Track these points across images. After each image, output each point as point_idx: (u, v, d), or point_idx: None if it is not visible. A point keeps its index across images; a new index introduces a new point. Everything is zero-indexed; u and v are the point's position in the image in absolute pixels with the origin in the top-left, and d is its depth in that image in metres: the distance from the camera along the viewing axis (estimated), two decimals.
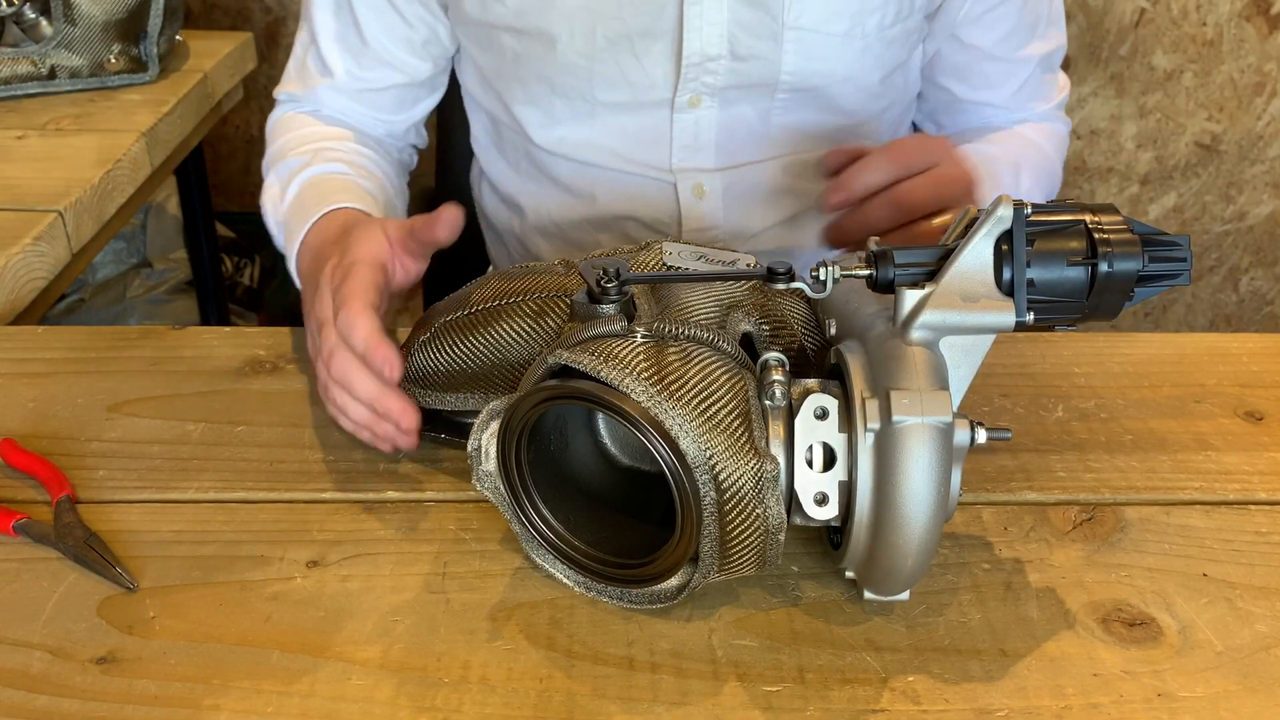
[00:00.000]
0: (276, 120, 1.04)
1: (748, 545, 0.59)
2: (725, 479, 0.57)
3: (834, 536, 0.64)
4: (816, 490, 0.59)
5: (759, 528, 0.59)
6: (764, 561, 0.60)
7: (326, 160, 0.95)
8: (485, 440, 0.64)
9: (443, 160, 1.30)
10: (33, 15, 1.36)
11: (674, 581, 0.62)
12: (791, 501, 0.60)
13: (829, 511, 0.59)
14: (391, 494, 0.71)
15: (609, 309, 0.62)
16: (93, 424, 0.77)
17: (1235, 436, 0.75)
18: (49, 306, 1.13)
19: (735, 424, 0.58)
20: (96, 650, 0.61)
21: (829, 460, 0.59)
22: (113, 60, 1.37)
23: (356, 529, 0.68)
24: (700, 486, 0.57)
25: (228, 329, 0.89)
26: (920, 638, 0.61)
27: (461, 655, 0.60)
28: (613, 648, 0.61)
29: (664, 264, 0.69)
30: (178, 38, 1.46)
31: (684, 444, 0.57)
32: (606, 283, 0.62)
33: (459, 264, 1.18)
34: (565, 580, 0.64)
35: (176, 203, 1.80)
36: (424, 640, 0.61)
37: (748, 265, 0.69)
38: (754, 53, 0.94)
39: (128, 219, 1.32)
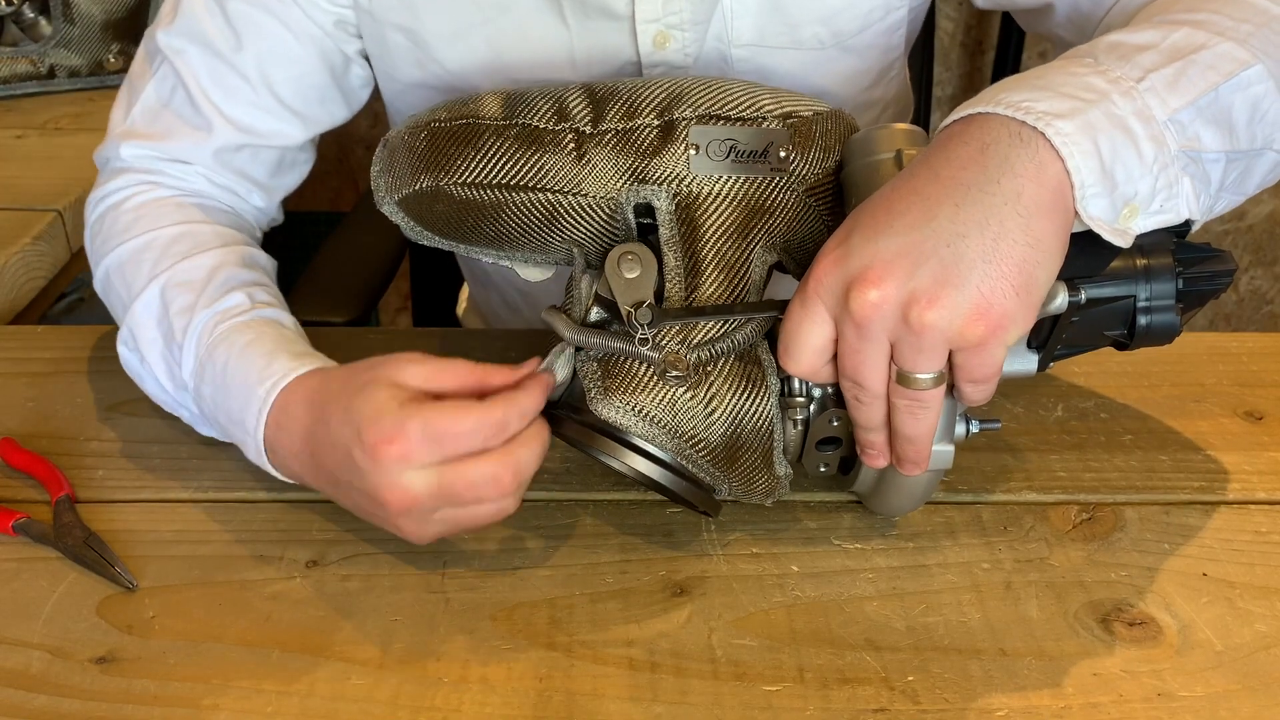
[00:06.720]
0: (128, 206, 0.83)
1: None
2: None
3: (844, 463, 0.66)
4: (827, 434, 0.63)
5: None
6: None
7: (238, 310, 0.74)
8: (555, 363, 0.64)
9: None
10: (32, 14, 1.36)
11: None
12: (804, 445, 0.63)
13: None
14: None
15: (635, 341, 0.61)
16: (92, 424, 0.77)
17: (1235, 436, 0.75)
18: (49, 306, 1.13)
19: (756, 462, 0.62)
20: (96, 650, 0.61)
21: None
22: (112, 60, 1.37)
23: (356, 529, 0.68)
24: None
25: None
26: (920, 638, 0.61)
27: (461, 655, 0.60)
28: (613, 648, 0.61)
29: (690, 146, 0.64)
30: None
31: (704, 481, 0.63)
32: (639, 319, 0.61)
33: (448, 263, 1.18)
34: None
35: None
36: (424, 640, 0.61)
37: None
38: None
39: None
